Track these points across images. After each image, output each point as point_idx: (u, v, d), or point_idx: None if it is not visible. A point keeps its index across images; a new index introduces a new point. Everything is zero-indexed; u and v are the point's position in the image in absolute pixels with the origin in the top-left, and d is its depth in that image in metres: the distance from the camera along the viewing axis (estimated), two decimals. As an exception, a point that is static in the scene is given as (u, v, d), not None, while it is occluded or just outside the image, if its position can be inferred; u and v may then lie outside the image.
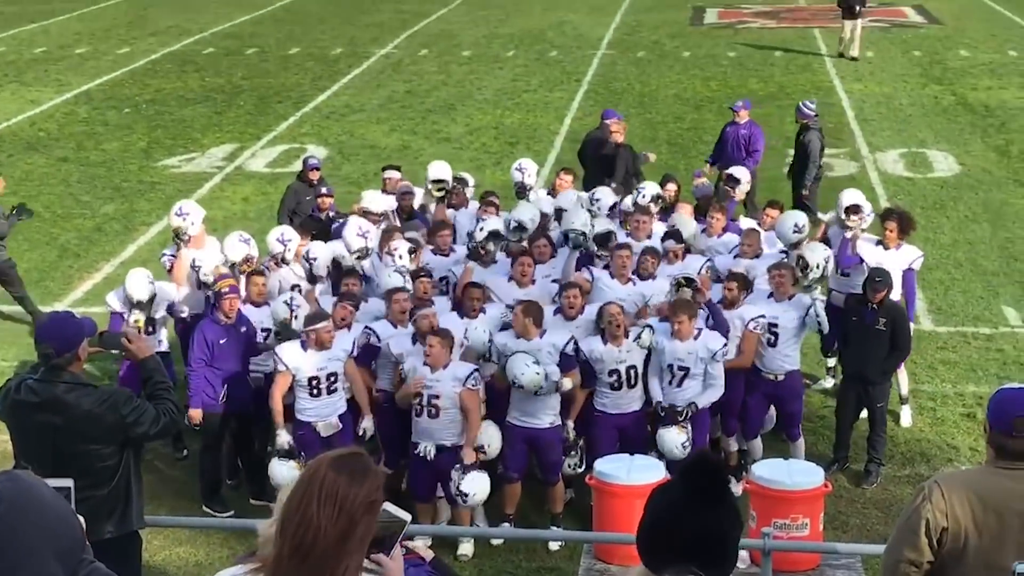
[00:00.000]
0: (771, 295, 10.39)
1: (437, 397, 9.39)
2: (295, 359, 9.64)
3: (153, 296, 10.76)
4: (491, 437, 9.59)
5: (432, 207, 12.71)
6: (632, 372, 9.77)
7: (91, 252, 16.50)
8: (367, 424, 9.76)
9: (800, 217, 11.60)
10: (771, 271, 10.50)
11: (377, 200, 12.45)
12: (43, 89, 26.07)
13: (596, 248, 10.90)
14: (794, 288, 10.39)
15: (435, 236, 11.51)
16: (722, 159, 15.81)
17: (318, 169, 14.32)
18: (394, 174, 13.45)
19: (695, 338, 9.64)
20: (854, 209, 11.76)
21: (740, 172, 13.47)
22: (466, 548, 9.51)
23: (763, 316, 10.12)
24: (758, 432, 10.57)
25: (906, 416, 11.54)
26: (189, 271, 10.98)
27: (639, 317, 10.26)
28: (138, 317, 10.66)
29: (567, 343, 9.71)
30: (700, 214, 12.35)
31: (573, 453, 9.88)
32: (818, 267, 10.44)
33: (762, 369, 10.35)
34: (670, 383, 9.77)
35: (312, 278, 11.09)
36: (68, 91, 25.86)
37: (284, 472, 9.47)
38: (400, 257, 10.79)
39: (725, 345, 9.75)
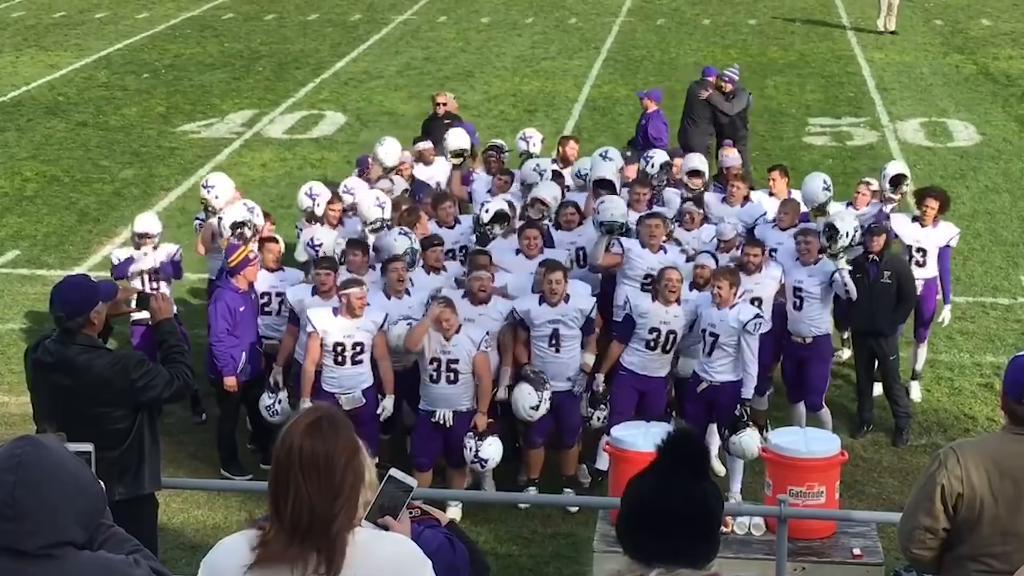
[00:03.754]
0: (798, 259, 10.45)
1: (456, 362, 9.42)
2: (324, 322, 9.62)
3: (159, 234, 11.11)
4: (495, 450, 9.57)
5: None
6: (671, 337, 9.82)
7: (110, 217, 16.54)
8: (387, 404, 9.75)
9: (826, 176, 11.57)
10: (798, 236, 10.56)
11: (391, 153, 12.67)
12: (63, 54, 26.07)
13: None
14: (821, 255, 10.41)
15: (437, 209, 11.41)
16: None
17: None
18: (429, 144, 13.42)
19: (731, 307, 9.67)
20: (898, 180, 11.76)
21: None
22: (454, 512, 9.53)
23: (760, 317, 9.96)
24: (800, 397, 10.65)
25: (915, 391, 11.54)
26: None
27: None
28: (149, 265, 10.86)
29: (592, 308, 9.78)
30: (722, 183, 12.32)
31: (603, 407, 9.91)
32: (847, 235, 10.37)
33: (792, 332, 10.49)
34: (703, 351, 9.81)
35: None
36: (88, 56, 25.86)
37: None
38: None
39: (758, 316, 9.75)
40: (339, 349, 9.61)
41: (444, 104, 15.11)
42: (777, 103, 21.64)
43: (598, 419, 9.93)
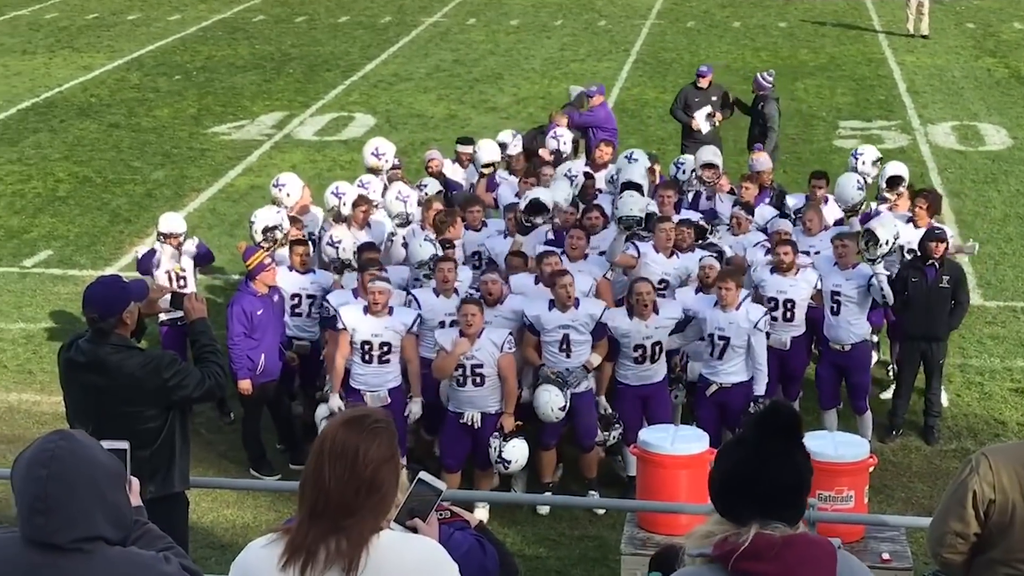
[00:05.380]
0: (836, 263, 10.41)
1: (480, 365, 9.43)
2: (354, 320, 9.67)
3: (183, 234, 11.15)
4: (519, 452, 9.57)
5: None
6: (657, 348, 9.81)
7: (142, 217, 16.64)
8: (415, 408, 9.76)
9: (861, 176, 11.56)
10: (835, 240, 10.51)
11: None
12: (95, 55, 26.24)
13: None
14: (857, 258, 10.38)
15: (466, 211, 11.45)
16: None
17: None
18: (469, 148, 13.44)
19: (737, 308, 9.66)
20: (896, 181, 11.75)
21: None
22: (481, 513, 9.53)
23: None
24: (832, 404, 10.59)
25: (943, 395, 11.47)
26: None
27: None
28: (174, 263, 10.94)
29: (602, 313, 9.77)
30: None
31: (616, 425, 9.91)
32: (887, 243, 10.31)
33: (829, 339, 10.42)
34: (711, 354, 9.79)
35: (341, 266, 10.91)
36: (120, 57, 26.02)
37: None
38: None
39: (767, 314, 9.76)
40: (366, 348, 9.67)
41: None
42: (807, 106, 21.59)
43: (614, 438, 9.94)
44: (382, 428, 3.45)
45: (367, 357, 9.69)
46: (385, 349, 9.67)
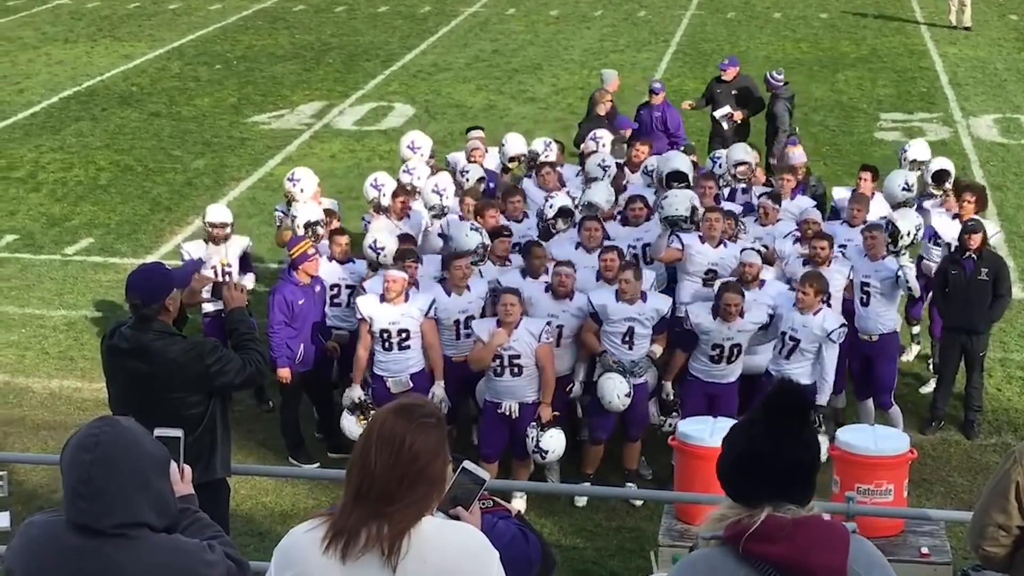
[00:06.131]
0: (866, 254, 10.40)
1: (518, 357, 9.45)
2: (370, 309, 9.79)
3: (229, 225, 11.14)
4: (556, 442, 9.57)
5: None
6: (735, 350, 9.77)
7: (182, 206, 16.74)
8: (438, 391, 9.78)
9: (909, 175, 11.53)
10: (864, 232, 10.52)
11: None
12: (136, 44, 26.39)
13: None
14: (889, 250, 10.38)
15: (506, 202, 11.44)
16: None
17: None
18: (481, 132, 13.44)
19: (815, 313, 9.61)
20: (942, 176, 11.68)
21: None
22: (519, 503, 9.55)
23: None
24: (867, 395, 10.58)
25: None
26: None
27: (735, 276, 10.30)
28: (221, 258, 11.00)
29: (668, 309, 9.80)
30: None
31: (674, 414, 9.90)
32: (909, 234, 10.44)
33: (859, 329, 10.39)
34: (780, 352, 9.75)
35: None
36: (161, 46, 26.16)
37: (351, 427, 9.74)
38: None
39: (843, 326, 9.70)
40: (385, 336, 9.76)
41: (611, 103, 14.86)
42: (848, 98, 21.46)
43: (670, 426, 9.89)
44: (432, 424, 3.47)
45: (386, 344, 9.78)
46: (404, 336, 9.76)
